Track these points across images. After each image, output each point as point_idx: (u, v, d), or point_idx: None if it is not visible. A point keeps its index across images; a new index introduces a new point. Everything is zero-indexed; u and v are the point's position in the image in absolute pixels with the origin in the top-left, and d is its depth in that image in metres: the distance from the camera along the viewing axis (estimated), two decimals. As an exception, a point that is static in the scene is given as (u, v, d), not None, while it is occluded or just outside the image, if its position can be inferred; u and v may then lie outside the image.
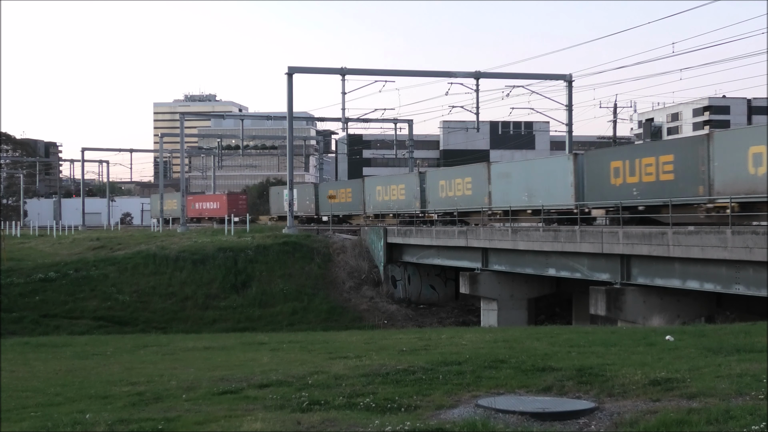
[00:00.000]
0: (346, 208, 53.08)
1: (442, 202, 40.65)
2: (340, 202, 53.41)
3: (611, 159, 28.72)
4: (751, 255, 19.85)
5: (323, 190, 57.21)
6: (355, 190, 51.84)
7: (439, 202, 41.03)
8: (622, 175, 27.84)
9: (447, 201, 40.08)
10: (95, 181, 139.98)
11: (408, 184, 44.73)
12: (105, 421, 8.34)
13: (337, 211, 53.75)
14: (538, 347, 13.30)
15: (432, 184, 41.98)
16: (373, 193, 48.84)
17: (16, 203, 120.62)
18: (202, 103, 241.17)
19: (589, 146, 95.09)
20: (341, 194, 53.77)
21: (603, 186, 28.85)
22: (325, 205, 55.11)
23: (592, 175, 29.68)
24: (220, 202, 75.91)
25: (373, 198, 48.83)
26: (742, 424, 7.02)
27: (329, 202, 57.25)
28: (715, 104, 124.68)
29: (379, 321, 36.08)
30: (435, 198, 41.69)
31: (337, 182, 63.60)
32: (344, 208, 53.27)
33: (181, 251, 43.83)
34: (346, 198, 53.08)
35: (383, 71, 50.79)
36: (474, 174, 38.01)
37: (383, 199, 47.59)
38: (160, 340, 21.26)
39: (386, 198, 47.13)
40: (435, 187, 41.55)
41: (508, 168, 36.47)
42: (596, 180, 29.34)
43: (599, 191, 29.18)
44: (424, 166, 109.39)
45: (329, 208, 54.29)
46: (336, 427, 7.64)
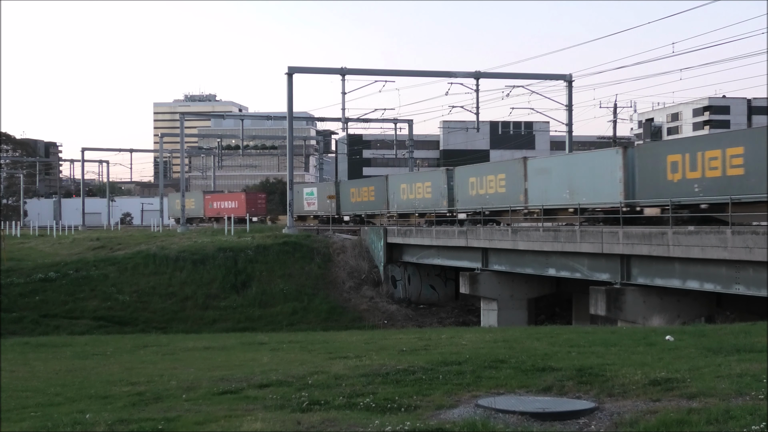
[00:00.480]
0: (369, 207, 49.67)
1: (472, 200, 37.60)
2: (362, 201, 50.60)
3: (668, 152, 26.11)
4: (751, 255, 19.85)
5: (345, 188, 54.50)
6: (379, 188, 48.38)
7: (469, 200, 38.01)
8: (680, 169, 25.20)
9: (477, 199, 37.10)
10: (95, 181, 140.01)
11: (434, 181, 41.71)
12: (105, 421, 8.35)
13: (360, 210, 50.79)
14: (538, 347, 13.30)
15: (461, 182, 38.95)
16: (397, 192, 45.68)
17: (16, 203, 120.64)
18: (202, 103, 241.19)
19: (589, 146, 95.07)
20: (363, 193, 50.81)
21: (658, 182, 26.13)
22: (347, 204, 52.65)
23: (644, 170, 26.98)
24: (239, 201, 73.87)
25: (398, 197, 45.68)
26: (742, 424, 7.02)
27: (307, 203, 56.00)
28: (715, 104, 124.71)
29: (379, 321, 36.08)
30: (464, 196, 38.57)
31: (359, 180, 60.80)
32: (367, 207, 49.96)
33: (181, 251, 43.83)
34: (369, 197, 49.73)
35: (383, 71, 50.83)
36: (508, 170, 35.12)
37: (408, 198, 44.50)
38: (160, 340, 21.27)
39: (411, 196, 44.05)
40: (464, 185, 38.52)
41: (548, 163, 33.58)
42: (650, 175, 26.61)
43: (653, 188, 26.43)
44: (424, 165, 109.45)
45: (351, 208, 51.78)
46: (336, 427, 7.64)
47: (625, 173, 27.72)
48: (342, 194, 53.91)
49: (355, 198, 51.83)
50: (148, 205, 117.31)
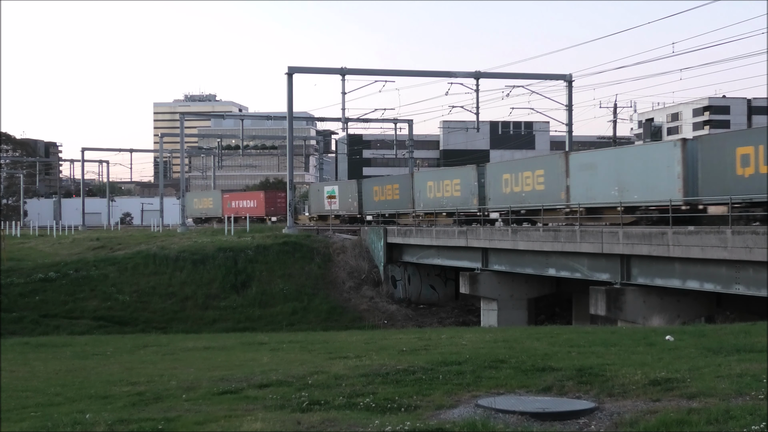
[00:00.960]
0: (393, 206, 46.77)
1: (506, 198, 35.13)
2: (386, 199, 47.78)
3: (738, 144, 23.84)
4: (751, 255, 19.85)
5: (367, 186, 51.57)
6: (403, 186, 45.71)
7: (502, 198, 35.50)
8: (753, 163, 22.86)
9: (512, 197, 34.64)
10: (95, 181, 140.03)
11: (464, 178, 39.04)
12: (105, 421, 8.34)
13: (383, 209, 47.93)
14: (538, 347, 13.30)
15: (493, 179, 36.37)
16: (424, 190, 42.93)
17: (16, 203, 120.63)
18: (202, 103, 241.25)
19: (589, 146, 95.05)
20: (387, 191, 47.89)
21: (725, 177, 23.82)
22: (370, 203, 50.01)
23: (708, 165, 24.58)
24: (257, 201, 70.99)
25: (424, 195, 42.89)
26: (742, 424, 7.01)
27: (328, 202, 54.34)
28: (715, 104, 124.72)
29: (379, 321, 36.07)
30: (497, 194, 35.98)
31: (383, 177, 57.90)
32: (391, 207, 47.01)
33: (181, 251, 43.82)
34: (393, 195, 46.85)
35: (383, 71, 50.82)
36: (548, 166, 32.68)
37: (435, 196, 41.66)
38: (160, 340, 21.28)
39: (438, 195, 41.24)
40: (497, 182, 35.94)
41: (594, 158, 30.85)
42: (715, 170, 24.29)
43: (720, 183, 24.08)
44: (424, 166, 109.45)
45: (374, 207, 49.15)
46: (336, 427, 7.64)
47: (685, 168, 25.40)
48: (364, 193, 51.32)
49: (378, 197, 48.99)
50: (148, 205, 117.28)
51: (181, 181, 72.59)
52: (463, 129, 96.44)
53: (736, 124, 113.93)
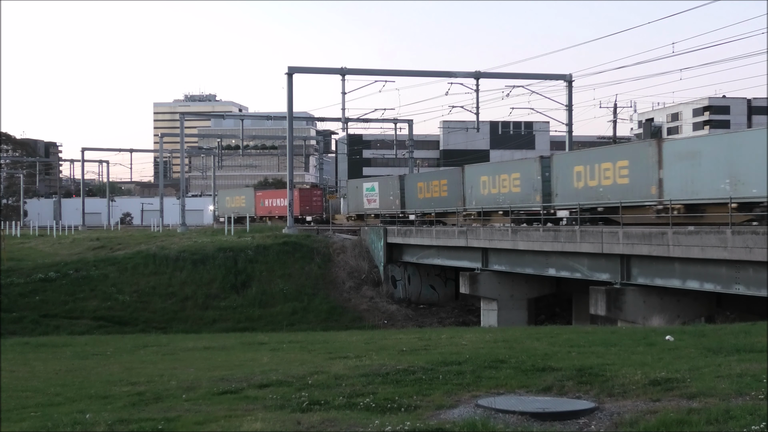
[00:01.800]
0: (440, 204, 42.03)
1: (578, 194, 30.50)
2: (432, 197, 43.29)
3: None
4: (751, 255, 19.85)
5: (410, 182, 47.14)
6: (453, 181, 40.92)
7: (573, 194, 30.80)
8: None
9: (586, 193, 30.17)
10: (95, 181, 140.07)
11: (525, 172, 34.58)
12: (105, 421, 8.34)
13: (428, 207, 43.40)
14: (538, 347, 13.30)
15: (562, 172, 31.92)
16: (477, 185, 38.25)
17: (16, 203, 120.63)
18: (202, 103, 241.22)
19: (589, 146, 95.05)
20: (433, 188, 43.30)
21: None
22: (414, 200, 45.71)
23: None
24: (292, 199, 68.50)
25: (477, 191, 38.18)
26: (742, 424, 7.01)
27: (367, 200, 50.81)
28: (715, 104, 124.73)
29: (379, 321, 36.08)
30: (566, 189, 31.42)
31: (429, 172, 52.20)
32: (437, 204, 42.33)
33: (181, 251, 43.83)
34: (441, 192, 42.30)
35: (383, 71, 50.83)
36: (633, 155, 28.05)
37: (490, 193, 37.16)
38: (160, 340, 21.27)
39: (494, 191, 36.80)
40: (566, 175, 31.51)
41: (697, 145, 25.82)
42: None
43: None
44: (424, 165, 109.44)
45: (418, 205, 44.88)
46: (336, 427, 7.64)
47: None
48: (407, 189, 46.91)
49: (422, 194, 44.60)
50: (148, 205, 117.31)
51: (181, 181, 72.62)
52: (463, 129, 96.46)
53: (736, 124, 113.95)
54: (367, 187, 52.81)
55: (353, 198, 56.15)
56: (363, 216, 53.36)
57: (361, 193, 53.58)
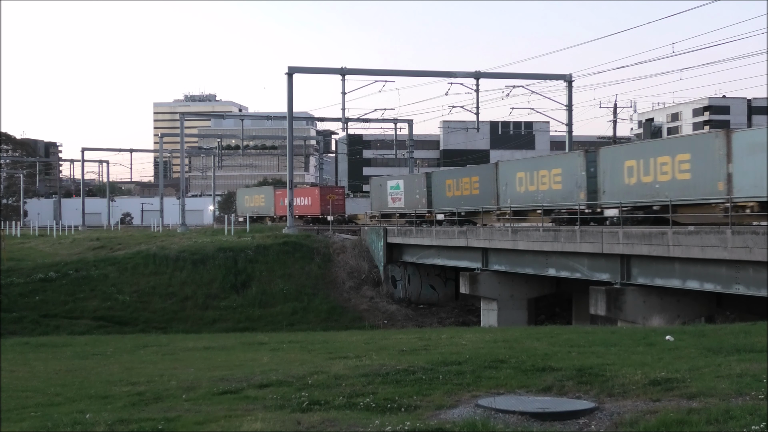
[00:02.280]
0: (471, 202, 39.31)
1: (630, 191, 27.94)
2: (462, 195, 40.60)
3: None
4: (751, 255, 19.85)
5: (438, 180, 44.20)
6: (485, 178, 38.36)
7: (624, 191, 28.19)
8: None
9: (639, 190, 27.56)
10: (95, 181, 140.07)
11: (567, 167, 32.03)
12: (105, 421, 8.34)
13: (458, 206, 40.23)
14: (538, 347, 13.30)
15: (610, 167, 29.22)
16: (512, 182, 35.69)
17: (16, 203, 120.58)
18: (202, 103, 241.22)
19: (589, 146, 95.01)
20: (464, 185, 40.64)
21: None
22: (442, 199, 42.94)
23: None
24: (312, 198, 61.26)
25: (512, 188, 35.61)
26: (742, 424, 7.01)
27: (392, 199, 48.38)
28: (715, 104, 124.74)
29: (379, 321, 36.08)
30: (615, 185, 28.77)
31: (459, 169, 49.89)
32: (468, 203, 39.59)
33: (181, 251, 43.83)
34: (472, 190, 39.66)
35: (383, 71, 50.85)
36: (696, 148, 25.59)
37: (527, 190, 34.66)
38: (160, 340, 21.27)
39: (531, 188, 34.30)
40: (616, 171, 28.82)
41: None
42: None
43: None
44: (424, 166, 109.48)
45: (447, 203, 42.07)
46: (336, 427, 7.64)
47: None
48: (434, 187, 43.97)
49: (452, 191, 41.73)
50: (148, 205, 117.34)
51: (181, 181, 72.65)
52: (463, 129, 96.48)
53: (736, 124, 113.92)
54: (392, 185, 49.60)
55: (377, 197, 52.32)
56: (388, 216, 50.04)
57: (384, 191, 50.11)
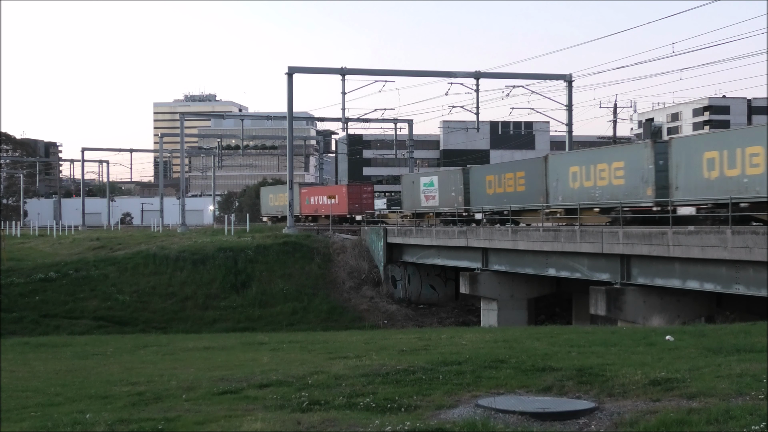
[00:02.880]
0: (515, 200, 35.82)
1: (710, 186, 24.48)
2: (505, 191, 37.13)
3: None
4: (751, 255, 19.85)
5: (477, 176, 40.69)
6: (532, 173, 34.88)
7: (703, 186, 24.77)
8: None
9: (721, 185, 23.95)
10: (95, 181, 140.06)
11: (632, 160, 28.56)
12: (105, 421, 8.34)
13: (500, 204, 37.03)
14: (538, 347, 13.29)
15: (685, 160, 25.58)
16: (564, 177, 32.22)
17: (16, 203, 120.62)
18: (202, 103, 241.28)
19: (589, 146, 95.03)
20: (507, 181, 37.11)
21: None
22: (481, 196, 39.36)
23: None
24: (339, 196, 57.00)
25: (564, 184, 32.21)
26: (742, 424, 7.01)
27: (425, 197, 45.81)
28: (715, 104, 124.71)
29: (379, 321, 36.08)
30: (693, 180, 25.24)
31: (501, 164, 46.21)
32: (512, 200, 35.97)
33: (181, 251, 43.83)
34: (516, 186, 36.24)
35: (383, 71, 50.84)
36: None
37: (582, 186, 31.24)
38: (160, 340, 21.27)
39: (587, 184, 30.86)
40: (692, 164, 25.25)
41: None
42: None
43: None
44: (424, 165, 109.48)
45: (487, 201, 38.47)
46: (336, 427, 7.64)
47: None
48: (473, 183, 40.64)
49: (492, 188, 38.34)
50: (148, 205, 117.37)
51: (181, 181, 72.68)
52: (463, 129, 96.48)
53: (736, 124, 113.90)
54: (425, 182, 46.32)
55: (408, 195, 48.76)
56: (421, 214, 46.64)
57: (417, 188, 46.74)
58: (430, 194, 45.40)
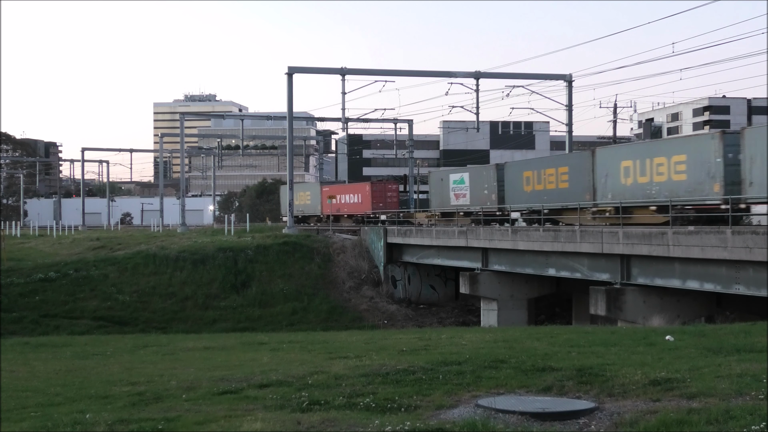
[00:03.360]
0: (557, 197, 33.13)
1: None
2: (545, 188, 34.44)
3: None
4: (751, 255, 19.85)
5: (513, 172, 37.98)
6: (577, 168, 32.17)
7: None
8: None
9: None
10: (95, 181, 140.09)
11: (695, 153, 25.80)
12: (105, 421, 8.34)
13: (539, 202, 34.23)
14: (538, 347, 13.29)
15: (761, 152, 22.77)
16: (615, 173, 29.39)
17: (16, 203, 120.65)
18: (202, 103, 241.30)
19: (589, 146, 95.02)
20: (547, 177, 34.38)
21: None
22: (517, 194, 36.95)
23: None
24: (362, 195, 54.48)
25: (615, 180, 29.44)
26: (742, 424, 7.01)
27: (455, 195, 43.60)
28: (715, 104, 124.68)
29: (379, 321, 36.08)
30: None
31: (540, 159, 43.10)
32: (553, 198, 33.37)
33: (181, 251, 43.83)
34: (558, 183, 33.52)
35: (383, 71, 50.86)
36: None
37: (636, 182, 28.32)
38: (160, 340, 21.26)
39: (642, 179, 27.96)
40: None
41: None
42: None
43: None
44: (424, 165, 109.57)
45: (525, 199, 36.13)
46: (336, 427, 7.64)
47: None
48: (508, 180, 37.99)
49: (531, 185, 35.69)
50: (148, 205, 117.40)
51: (181, 181, 72.70)
52: (463, 129, 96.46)
53: (736, 124, 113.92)
54: (455, 180, 43.58)
55: (437, 193, 45.85)
56: (450, 215, 43.82)
57: (446, 187, 44.00)
58: (460, 192, 42.90)
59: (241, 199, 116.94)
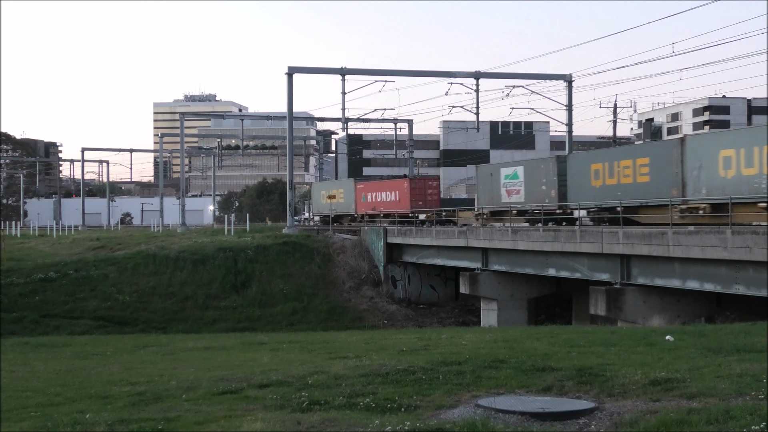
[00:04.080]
0: (635, 193, 28.79)
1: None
2: (618, 183, 29.96)
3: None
4: (751, 255, 19.84)
5: (578, 164, 33.09)
6: (661, 159, 27.83)
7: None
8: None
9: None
10: (95, 181, 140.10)
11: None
12: (105, 421, 8.34)
13: (610, 198, 29.91)
14: (538, 347, 13.29)
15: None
16: (712, 163, 25.13)
17: (16, 203, 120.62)
18: (202, 103, 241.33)
19: (589, 146, 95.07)
20: (621, 170, 29.85)
21: None
22: (583, 189, 32.00)
23: None
24: (400, 192, 50.24)
25: (711, 172, 25.14)
26: (742, 424, 7.01)
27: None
28: (715, 104, 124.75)
29: (379, 321, 36.08)
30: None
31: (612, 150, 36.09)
32: (630, 194, 28.90)
33: (181, 251, 43.83)
34: (635, 176, 28.99)
35: (383, 71, 50.85)
36: None
37: (739, 174, 24.09)
38: (160, 340, 21.27)
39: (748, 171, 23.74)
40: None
41: None
42: None
43: None
44: (424, 165, 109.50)
45: (592, 195, 31.43)
46: (336, 427, 7.64)
47: None
48: (572, 174, 33.34)
49: (601, 179, 31.10)
50: (148, 205, 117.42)
51: (181, 181, 72.71)
52: (463, 129, 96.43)
53: (736, 124, 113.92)
54: (507, 174, 38.85)
55: (486, 190, 41.05)
56: (500, 213, 38.81)
57: (497, 182, 39.21)
58: (513, 188, 38.07)
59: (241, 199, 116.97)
